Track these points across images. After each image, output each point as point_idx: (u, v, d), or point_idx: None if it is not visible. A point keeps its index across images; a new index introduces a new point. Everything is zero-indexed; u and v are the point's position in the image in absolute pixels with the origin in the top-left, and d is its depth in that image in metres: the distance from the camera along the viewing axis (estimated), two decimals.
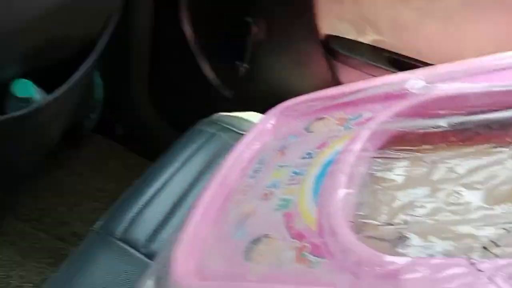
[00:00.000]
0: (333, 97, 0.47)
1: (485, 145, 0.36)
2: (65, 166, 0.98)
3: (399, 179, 0.35)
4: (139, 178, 0.61)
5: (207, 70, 0.90)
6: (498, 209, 0.31)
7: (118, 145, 1.05)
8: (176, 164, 0.60)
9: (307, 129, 0.46)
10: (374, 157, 0.36)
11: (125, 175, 1.00)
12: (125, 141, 1.05)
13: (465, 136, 0.37)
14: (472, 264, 0.25)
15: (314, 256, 0.31)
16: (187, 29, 0.86)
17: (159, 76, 0.96)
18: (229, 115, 0.71)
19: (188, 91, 0.95)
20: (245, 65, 0.83)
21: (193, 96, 0.95)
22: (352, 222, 0.32)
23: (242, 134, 0.65)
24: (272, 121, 0.51)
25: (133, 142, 1.04)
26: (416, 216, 0.32)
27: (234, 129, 0.67)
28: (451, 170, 0.35)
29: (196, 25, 0.86)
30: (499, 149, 0.35)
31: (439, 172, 0.35)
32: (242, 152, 0.48)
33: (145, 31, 0.86)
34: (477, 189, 0.33)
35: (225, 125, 0.68)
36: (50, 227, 0.88)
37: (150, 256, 0.50)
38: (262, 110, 0.65)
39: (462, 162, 0.35)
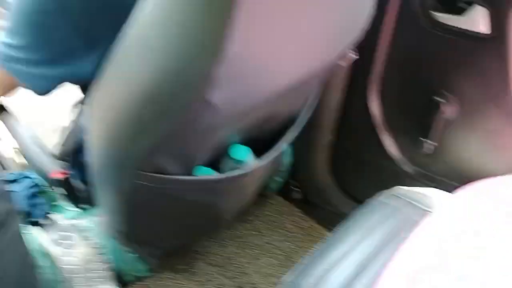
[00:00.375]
0: None
1: None
2: (248, 222, 1.09)
3: None
4: (312, 241, 0.64)
5: (390, 145, 0.92)
6: None
7: (295, 208, 1.13)
8: (359, 233, 0.63)
9: (508, 214, 0.44)
10: None
11: (300, 237, 1.07)
12: (302, 205, 1.12)
13: None
14: None
15: None
16: (374, 105, 0.91)
17: (341, 147, 1.01)
18: (412, 190, 0.71)
19: (368, 163, 0.98)
20: (431, 142, 0.83)
21: (372, 169, 0.97)
22: None
23: (426, 210, 0.65)
24: (464, 201, 0.51)
25: (310, 207, 1.10)
26: None
27: (418, 204, 0.67)
28: None
29: (383, 102, 0.90)
30: None
31: None
32: (431, 229, 0.48)
33: (334, 104, 0.94)
34: None
35: (408, 200, 0.68)
36: (232, 275, 0.98)
37: None
38: (446, 188, 0.64)
39: None
